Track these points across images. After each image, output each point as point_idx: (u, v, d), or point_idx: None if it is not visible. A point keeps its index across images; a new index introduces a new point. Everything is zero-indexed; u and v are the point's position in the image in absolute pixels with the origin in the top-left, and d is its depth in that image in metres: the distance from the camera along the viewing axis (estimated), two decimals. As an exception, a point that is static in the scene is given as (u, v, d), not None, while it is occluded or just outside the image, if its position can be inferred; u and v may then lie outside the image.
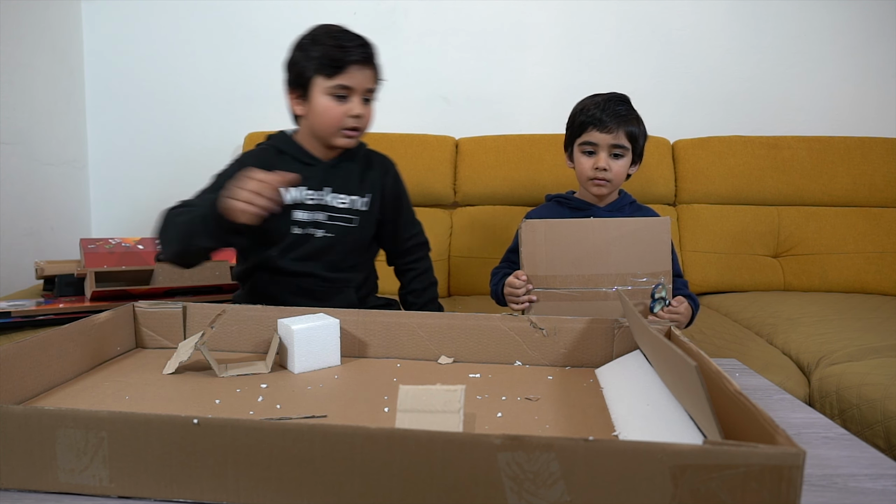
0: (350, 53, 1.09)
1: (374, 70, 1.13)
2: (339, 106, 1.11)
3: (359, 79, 1.11)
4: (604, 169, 1.20)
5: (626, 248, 1.09)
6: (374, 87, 1.14)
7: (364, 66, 1.11)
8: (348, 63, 1.09)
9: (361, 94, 1.12)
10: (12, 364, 0.75)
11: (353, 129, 1.14)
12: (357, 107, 1.12)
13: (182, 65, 2.13)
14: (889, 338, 1.32)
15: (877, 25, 2.10)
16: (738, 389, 0.62)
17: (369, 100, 1.15)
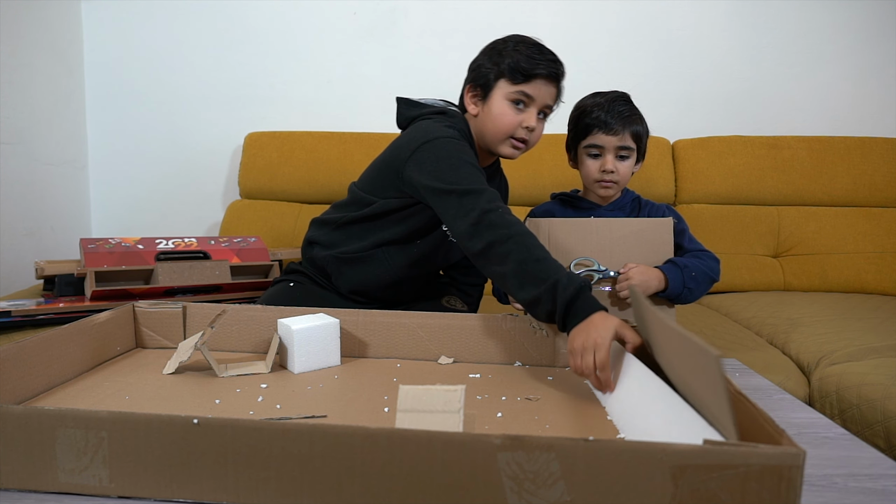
0: (541, 66, 1.10)
1: (558, 89, 1.14)
2: (517, 114, 1.12)
3: (542, 92, 1.11)
4: (611, 171, 1.19)
5: (629, 248, 1.10)
6: (552, 104, 1.15)
7: (550, 82, 1.12)
8: (537, 74, 1.10)
9: (540, 107, 1.13)
10: (12, 364, 0.75)
11: (522, 141, 1.14)
12: (532, 118, 1.12)
13: (182, 65, 2.13)
14: (889, 338, 1.32)
15: (877, 25, 2.10)
16: (739, 389, 0.62)
17: (544, 116, 1.16)
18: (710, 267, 1.14)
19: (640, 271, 1.08)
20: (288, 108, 2.15)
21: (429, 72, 2.15)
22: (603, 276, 1.09)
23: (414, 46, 2.14)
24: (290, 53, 2.11)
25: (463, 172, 1.01)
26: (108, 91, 2.14)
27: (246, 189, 2.00)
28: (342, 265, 1.20)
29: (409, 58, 2.14)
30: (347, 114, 2.15)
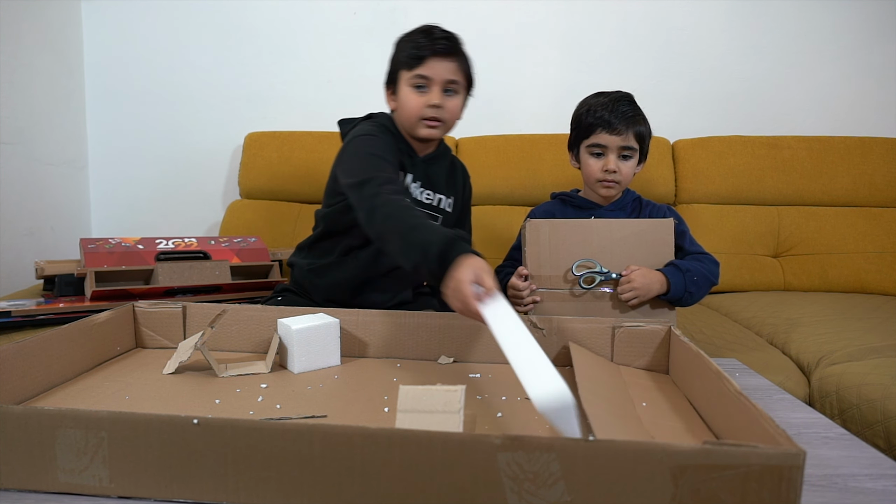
0: (429, 46, 1.12)
1: (457, 63, 1.14)
2: (420, 97, 1.14)
3: (437, 70, 1.12)
4: (613, 171, 1.19)
5: (630, 249, 1.10)
6: (455, 78, 1.14)
7: (443, 58, 1.12)
8: (427, 55, 1.12)
9: (441, 85, 1.13)
10: (12, 364, 0.75)
11: (434, 120, 1.15)
12: (435, 96, 1.13)
13: (182, 65, 2.13)
14: (889, 338, 1.32)
15: (877, 25, 2.10)
16: (738, 389, 0.62)
17: (451, 91, 1.15)
18: (711, 271, 1.14)
19: (641, 274, 1.08)
20: (288, 108, 2.15)
21: (429, 72, 2.14)
22: (605, 278, 1.09)
23: (414, 46, 2.13)
24: (290, 53, 2.11)
25: (364, 164, 1.05)
26: (108, 91, 2.14)
27: (246, 189, 2.00)
28: (315, 276, 1.24)
29: (409, 58, 2.14)
30: (347, 114, 2.14)
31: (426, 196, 1.20)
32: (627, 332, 0.93)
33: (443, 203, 1.22)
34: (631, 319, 0.95)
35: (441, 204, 1.22)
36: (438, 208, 1.21)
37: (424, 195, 1.20)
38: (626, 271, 1.08)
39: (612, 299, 1.10)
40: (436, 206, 1.21)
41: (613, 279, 1.09)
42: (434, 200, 1.21)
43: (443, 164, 1.24)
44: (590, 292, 1.09)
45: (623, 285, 1.07)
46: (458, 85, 1.16)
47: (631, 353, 0.93)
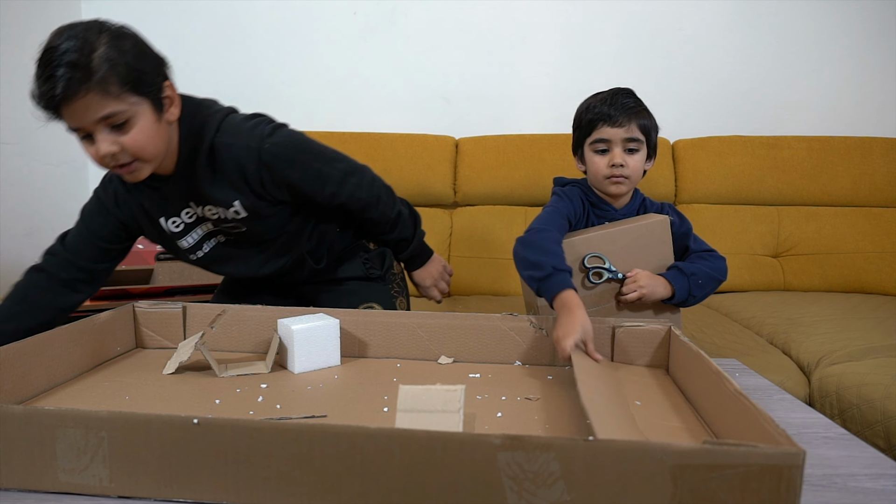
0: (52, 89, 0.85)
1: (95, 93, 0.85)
2: (89, 147, 0.92)
3: (78, 117, 0.88)
4: (620, 165, 1.12)
5: (631, 255, 1.08)
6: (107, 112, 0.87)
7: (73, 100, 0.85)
8: (58, 104, 0.88)
9: (99, 128, 0.89)
10: (12, 364, 0.75)
11: (123, 166, 0.90)
12: (103, 146, 0.88)
13: (182, 65, 2.10)
14: (889, 338, 1.32)
15: (877, 25, 2.10)
16: (739, 389, 0.62)
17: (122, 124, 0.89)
18: (717, 268, 1.11)
19: (647, 275, 1.07)
20: (288, 108, 2.14)
21: (429, 72, 2.15)
22: (612, 276, 1.08)
23: (414, 46, 2.14)
24: (290, 53, 2.11)
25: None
26: (108, 91, 2.14)
27: (246, 189, 2.00)
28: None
29: (409, 58, 2.14)
30: (347, 114, 2.15)
31: (211, 213, 1.02)
32: (627, 332, 0.93)
33: (228, 214, 1.01)
34: (631, 319, 0.95)
35: (227, 216, 1.02)
36: (229, 219, 1.02)
37: (209, 212, 1.02)
38: (631, 273, 1.07)
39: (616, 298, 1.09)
40: (225, 218, 1.02)
41: (619, 279, 1.08)
42: (220, 214, 1.02)
43: (196, 166, 0.98)
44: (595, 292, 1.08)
45: (629, 284, 1.06)
46: (121, 114, 0.88)
47: (631, 353, 0.93)
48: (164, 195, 1.00)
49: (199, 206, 1.01)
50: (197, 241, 1.06)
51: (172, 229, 1.03)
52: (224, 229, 1.05)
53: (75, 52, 0.84)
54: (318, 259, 1.17)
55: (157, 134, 0.91)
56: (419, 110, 2.15)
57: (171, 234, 1.04)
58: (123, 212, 1.02)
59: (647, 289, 1.06)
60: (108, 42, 0.87)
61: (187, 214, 1.02)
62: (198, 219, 1.03)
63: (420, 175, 1.94)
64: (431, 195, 1.96)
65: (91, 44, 0.86)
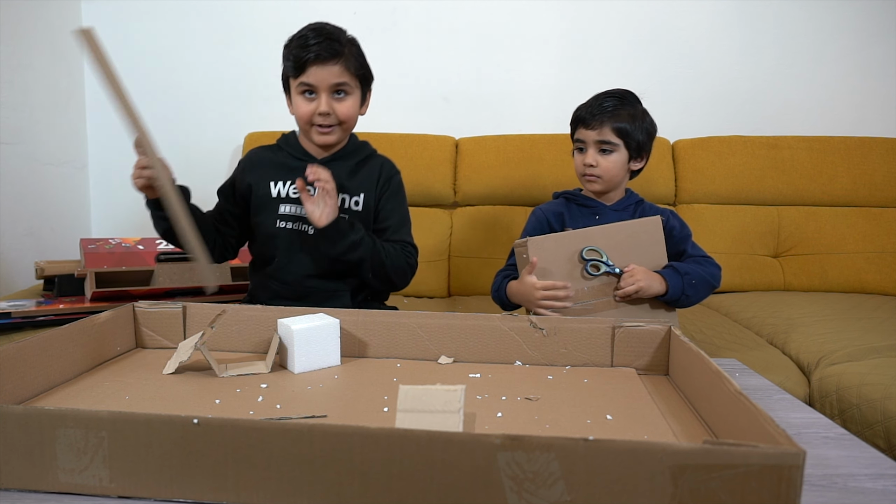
0: (308, 52, 1.10)
1: (341, 65, 1.12)
2: (308, 104, 1.14)
3: (320, 75, 1.11)
4: (591, 165, 1.21)
5: (624, 252, 1.12)
6: (341, 80, 1.13)
7: (324, 63, 1.11)
8: (306, 62, 1.10)
9: (328, 90, 1.13)
10: (12, 364, 0.75)
11: (325, 126, 1.15)
12: (323, 104, 1.13)
13: (182, 65, 2.13)
14: (889, 338, 1.32)
15: (877, 25, 2.10)
16: (738, 389, 0.62)
17: (343, 94, 1.14)
18: (711, 273, 1.16)
19: (643, 271, 1.11)
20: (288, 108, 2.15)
21: (429, 72, 2.15)
22: (610, 269, 1.10)
23: (414, 46, 2.14)
24: (290, 53, 2.11)
25: None
26: (108, 91, 2.14)
27: (246, 189, 2.00)
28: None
29: (409, 58, 2.14)
30: (347, 114, 2.15)
31: None
32: (627, 332, 0.93)
33: (347, 202, 1.19)
34: (631, 319, 0.95)
35: (345, 203, 1.19)
36: (343, 208, 1.18)
37: None
38: (628, 268, 1.11)
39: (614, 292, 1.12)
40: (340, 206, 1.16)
41: (616, 274, 1.11)
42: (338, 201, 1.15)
43: (345, 163, 1.21)
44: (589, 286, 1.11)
45: (626, 279, 1.09)
46: (346, 85, 1.14)
47: (631, 353, 0.93)
48: (305, 168, 1.13)
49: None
50: (293, 214, 1.19)
51: (283, 193, 1.19)
52: None
53: (334, 34, 1.12)
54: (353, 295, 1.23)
55: (357, 114, 1.19)
56: (419, 110, 2.15)
57: (279, 195, 1.19)
58: (250, 164, 1.23)
59: (644, 283, 1.10)
60: (351, 41, 1.16)
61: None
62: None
63: (420, 175, 1.94)
64: (431, 195, 1.96)
65: (342, 37, 1.14)
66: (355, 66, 1.14)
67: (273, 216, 1.19)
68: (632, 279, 1.09)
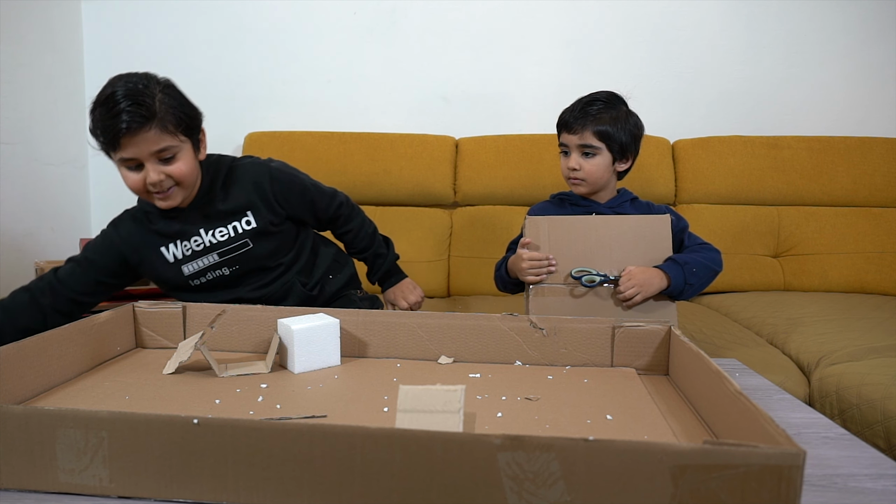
0: (117, 122, 0.96)
1: (157, 128, 0.99)
2: (137, 175, 1.03)
3: (137, 149, 0.99)
4: (573, 168, 1.22)
5: (628, 245, 1.11)
6: (163, 146, 1.01)
7: (137, 133, 0.98)
8: (119, 135, 0.97)
9: (151, 158, 1.01)
10: (12, 364, 0.75)
11: (163, 192, 1.05)
12: (151, 174, 1.01)
13: (182, 65, 2.13)
14: (889, 338, 1.32)
15: (877, 25, 2.10)
16: (738, 389, 0.62)
17: (170, 157, 1.03)
18: (711, 258, 1.15)
19: (641, 270, 1.10)
20: (288, 108, 2.15)
21: (429, 72, 2.15)
22: (604, 279, 1.10)
23: (414, 46, 2.14)
24: (290, 53, 2.11)
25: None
26: (108, 91, 2.14)
27: (246, 189, 2.00)
28: None
29: (409, 58, 2.14)
30: (347, 114, 2.15)
31: (220, 234, 1.12)
32: (627, 332, 0.93)
33: (239, 228, 1.13)
34: (631, 319, 0.95)
35: (238, 229, 1.13)
36: (237, 235, 1.13)
37: (219, 234, 1.12)
38: (625, 272, 1.09)
39: (614, 297, 1.11)
40: (232, 235, 1.13)
41: (613, 280, 1.10)
42: (227, 232, 1.12)
43: (212, 194, 1.13)
44: (592, 291, 1.10)
45: (624, 283, 1.09)
46: (171, 148, 1.02)
47: (631, 353, 0.93)
48: (179, 223, 1.12)
49: (209, 231, 1.13)
50: (200, 269, 1.14)
51: (179, 255, 1.13)
52: (228, 259, 1.14)
53: (140, 94, 0.99)
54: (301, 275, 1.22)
55: (195, 167, 1.08)
56: (419, 110, 2.15)
57: (176, 260, 1.13)
58: (128, 246, 1.13)
59: (644, 284, 1.09)
60: (163, 90, 1.03)
61: (196, 242, 1.13)
62: (205, 248, 1.13)
63: (420, 175, 1.94)
64: (431, 195, 1.96)
65: (152, 90, 1.01)
66: (174, 123, 1.02)
67: (183, 279, 1.14)
68: (630, 283, 1.08)
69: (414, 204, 1.97)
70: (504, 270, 1.25)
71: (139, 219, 1.14)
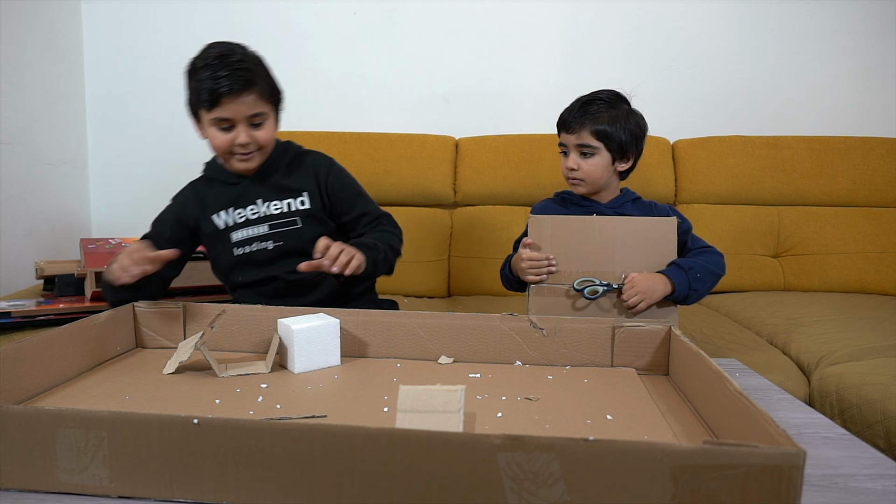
0: (220, 84, 1.06)
1: (255, 94, 1.10)
2: (225, 135, 1.11)
3: (235, 109, 1.08)
4: (571, 168, 1.21)
5: (632, 247, 1.09)
6: (257, 111, 1.11)
7: (239, 96, 1.08)
8: (221, 96, 1.07)
9: (244, 121, 1.10)
10: (12, 364, 0.75)
11: (245, 154, 1.14)
12: (242, 136, 1.11)
13: (182, 65, 2.12)
14: (889, 338, 1.32)
15: (877, 25, 2.10)
16: (738, 389, 0.62)
17: (259, 123, 1.12)
18: (715, 262, 1.14)
19: (643, 277, 1.08)
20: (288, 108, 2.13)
21: (429, 72, 2.15)
22: (608, 289, 1.09)
23: (414, 46, 2.14)
24: (290, 53, 2.11)
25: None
26: (108, 91, 2.14)
27: (246, 189, 2.00)
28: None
29: (409, 58, 2.14)
30: (347, 114, 2.15)
31: (275, 207, 1.18)
32: (627, 333, 0.93)
33: (294, 205, 1.19)
34: (631, 319, 0.95)
35: (292, 206, 1.19)
36: (291, 211, 1.19)
37: (273, 207, 1.18)
38: (627, 279, 1.08)
39: (618, 306, 1.09)
40: (286, 210, 1.18)
41: (616, 289, 1.09)
42: (282, 206, 1.18)
43: (277, 170, 1.21)
44: (594, 303, 1.09)
45: (627, 291, 1.07)
46: (262, 115, 1.12)
47: (631, 354, 0.93)
48: (240, 190, 1.19)
49: (266, 202, 1.18)
50: (247, 238, 1.18)
51: (231, 222, 1.18)
52: (276, 234, 1.17)
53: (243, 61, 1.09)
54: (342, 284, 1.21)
55: (274, 137, 1.18)
56: (419, 110, 2.15)
57: (227, 227, 1.18)
58: (185, 211, 1.20)
59: (647, 291, 1.08)
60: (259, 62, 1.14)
61: (251, 211, 1.18)
62: (258, 218, 1.18)
63: (420, 175, 1.94)
64: (431, 195, 1.96)
65: (251, 58, 1.13)
66: (268, 93, 1.13)
67: (228, 247, 1.18)
68: (633, 290, 1.07)
69: (414, 204, 1.97)
70: (508, 269, 1.24)
71: (199, 187, 1.22)
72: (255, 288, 1.19)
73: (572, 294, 1.10)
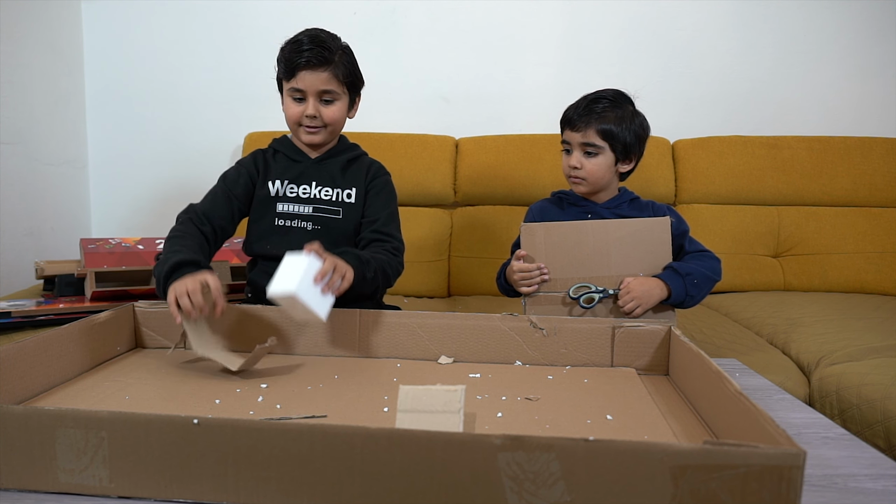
0: (300, 57, 1.16)
1: (330, 72, 1.18)
2: (297, 106, 1.20)
3: (308, 81, 1.17)
4: (574, 167, 1.20)
5: (627, 250, 1.09)
6: (329, 88, 1.19)
7: (314, 70, 1.17)
8: (297, 67, 1.16)
9: (315, 95, 1.19)
10: (12, 364, 0.75)
11: (312, 127, 1.22)
12: (310, 107, 1.19)
13: (182, 64, 2.13)
14: (889, 338, 1.32)
15: (877, 25, 2.10)
16: (739, 389, 0.62)
17: (330, 100, 1.21)
18: (712, 268, 1.14)
19: (639, 282, 1.08)
20: (287, 108, 2.15)
21: (429, 72, 2.15)
22: (604, 295, 1.08)
23: (414, 46, 2.14)
24: (290, 53, 2.11)
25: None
26: (108, 91, 2.14)
27: (246, 189, 2.00)
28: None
29: (409, 58, 2.14)
30: (347, 114, 2.15)
31: (325, 193, 1.25)
32: (627, 333, 0.93)
33: (341, 196, 1.26)
34: (631, 319, 0.95)
35: (339, 197, 1.25)
36: (337, 201, 1.25)
37: (323, 192, 1.25)
38: (623, 284, 1.08)
39: (614, 312, 1.09)
40: (333, 199, 1.25)
41: (612, 295, 1.09)
42: (331, 194, 1.25)
43: (337, 160, 1.28)
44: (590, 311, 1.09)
45: (623, 297, 1.07)
46: (333, 93, 1.20)
47: (631, 354, 0.94)
48: (300, 168, 1.26)
49: (319, 186, 1.25)
50: (291, 213, 1.23)
51: (281, 192, 1.24)
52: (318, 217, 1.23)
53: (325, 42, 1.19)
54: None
55: (342, 120, 1.26)
56: (419, 110, 2.15)
57: (276, 195, 1.24)
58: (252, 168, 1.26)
59: (643, 296, 1.07)
60: (344, 49, 1.24)
61: (303, 190, 1.24)
62: (308, 199, 1.24)
63: (420, 175, 1.94)
64: (431, 195, 1.96)
65: (336, 44, 1.22)
66: (344, 74, 1.20)
67: (271, 215, 1.22)
68: (628, 296, 1.07)
69: (414, 204, 1.97)
70: (503, 278, 1.24)
71: (267, 154, 1.29)
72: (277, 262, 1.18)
73: (568, 302, 1.10)
